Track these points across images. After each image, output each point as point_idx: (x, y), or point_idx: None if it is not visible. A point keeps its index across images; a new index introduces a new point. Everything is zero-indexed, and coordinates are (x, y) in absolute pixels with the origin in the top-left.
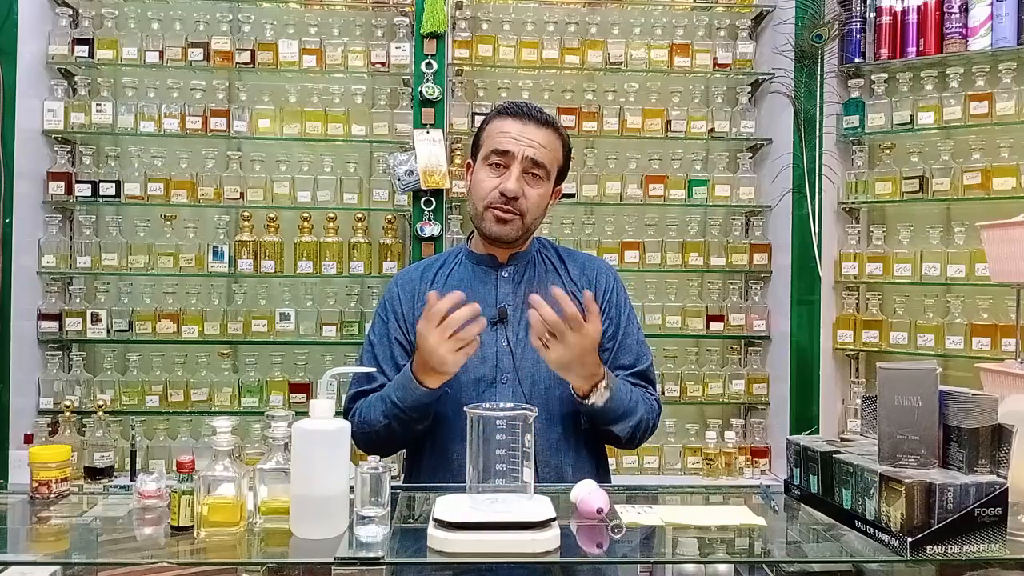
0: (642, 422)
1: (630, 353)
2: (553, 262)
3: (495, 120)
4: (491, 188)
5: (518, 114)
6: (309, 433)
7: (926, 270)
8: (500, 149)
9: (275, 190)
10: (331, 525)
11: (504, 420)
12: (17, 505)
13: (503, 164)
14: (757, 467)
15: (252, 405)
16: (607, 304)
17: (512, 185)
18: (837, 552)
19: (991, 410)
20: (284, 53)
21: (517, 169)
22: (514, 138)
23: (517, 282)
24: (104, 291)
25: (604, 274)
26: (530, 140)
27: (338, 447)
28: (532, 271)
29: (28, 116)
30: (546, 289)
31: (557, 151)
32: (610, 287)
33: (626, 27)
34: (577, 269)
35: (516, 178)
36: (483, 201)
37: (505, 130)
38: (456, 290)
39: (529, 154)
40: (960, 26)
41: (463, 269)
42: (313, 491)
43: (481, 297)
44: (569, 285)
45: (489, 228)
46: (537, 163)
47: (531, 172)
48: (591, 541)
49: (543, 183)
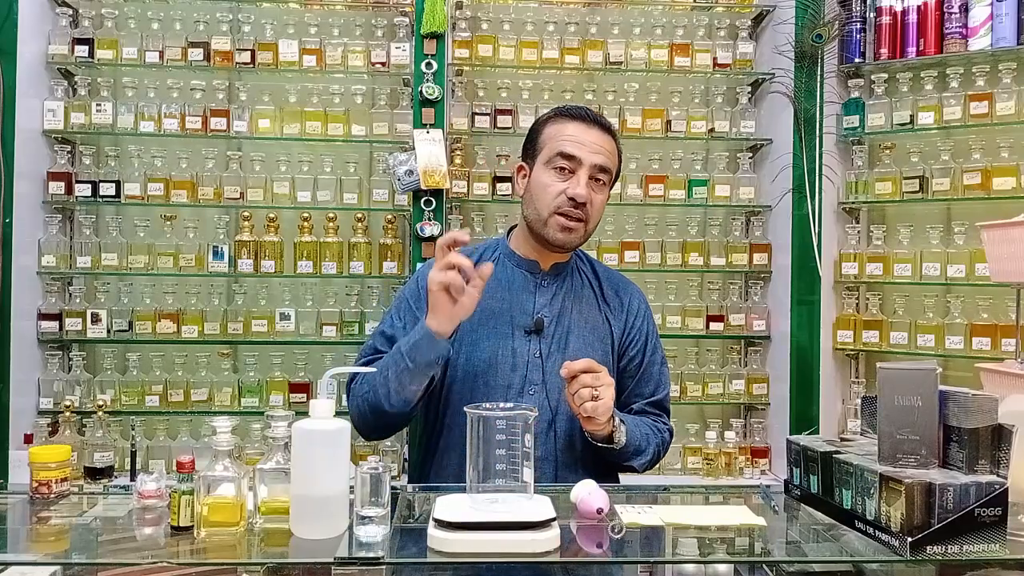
0: (655, 455)
1: (651, 382)
2: (588, 277)
3: (555, 123)
4: (558, 192)
5: (582, 118)
6: (309, 433)
7: (926, 270)
8: (567, 153)
9: (275, 190)
10: (331, 525)
11: (504, 420)
12: (17, 505)
13: (569, 169)
14: (757, 467)
15: (252, 405)
16: (637, 332)
17: (583, 191)
18: (837, 552)
19: (991, 410)
20: (284, 53)
21: (585, 175)
22: (580, 143)
23: (555, 293)
24: (104, 291)
25: (637, 299)
26: (596, 145)
27: (338, 447)
28: (570, 283)
29: (28, 116)
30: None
31: (615, 157)
32: (642, 315)
33: (626, 27)
34: (611, 290)
35: (585, 183)
36: (549, 207)
37: (570, 133)
38: (492, 289)
39: (597, 161)
40: (960, 26)
41: (502, 269)
42: (313, 491)
43: (519, 302)
44: (602, 305)
45: (554, 235)
46: (603, 168)
47: (596, 178)
48: (591, 541)
49: (605, 189)
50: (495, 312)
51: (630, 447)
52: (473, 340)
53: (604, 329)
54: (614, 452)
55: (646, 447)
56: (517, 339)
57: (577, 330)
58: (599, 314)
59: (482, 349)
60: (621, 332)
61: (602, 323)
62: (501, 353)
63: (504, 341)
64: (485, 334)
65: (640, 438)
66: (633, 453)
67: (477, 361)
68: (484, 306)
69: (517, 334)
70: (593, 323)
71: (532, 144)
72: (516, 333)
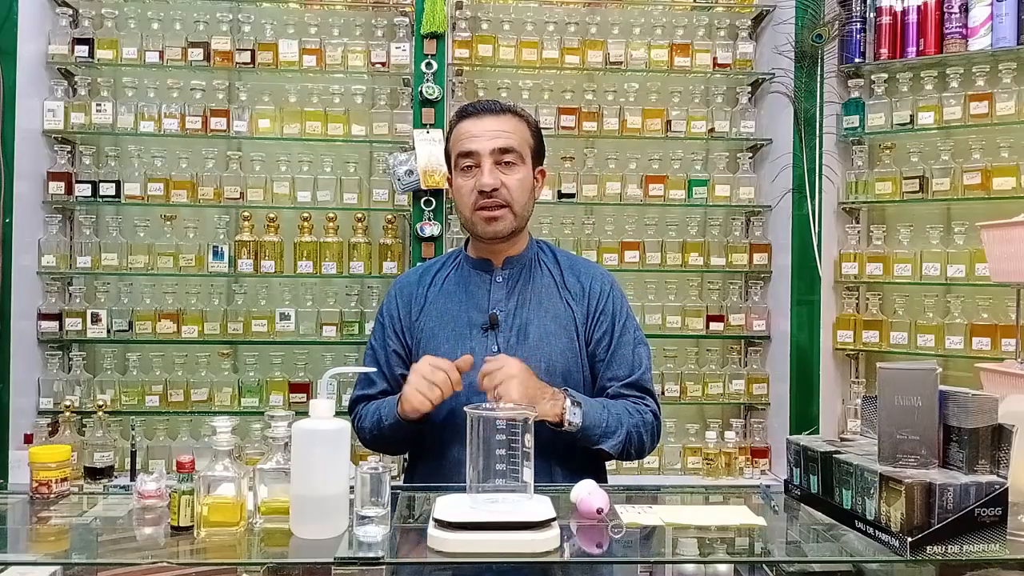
0: (631, 435)
1: (624, 364)
2: (549, 266)
3: (455, 128)
4: (470, 190)
5: (473, 112)
6: (309, 433)
7: (926, 270)
8: (465, 151)
9: (275, 190)
10: (331, 525)
11: (504, 420)
12: (17, 505)
13: (474, 164)
14: (757, 467)
15: (252, 405)
16: (601, 314)
17: (487, 179)
18: (837, 552)
19: (991, 410)
20: (284, 53)
21: (488, 162)
22: (474, 135)
23: (511, 287)
24: (104, 291)
25: (599, 282)
26: (491, 132)
27: (338, 447)
28: (527, 275)
29: (28, 116)
30: (539, 295)
31: (523, 132)
32: (604, 296)
33: (626, 27)
34: (572, 276)
35: (489, 171)
36: (468, 206)
37: (465, 131)
38: (450, 293)
39: (494, 145)
40: (960, 26)
41: (458, 273)
42: (313, 491)
43: (474, 302)
44: (562, 291)
45: (483, 230)
46: (505, 150)
47: (503, 161)
48: (591, 541)
49: (519, 167)
50: (453, 315)
51: (594, 430)
52: (435, 344)
53: (567, 316)
54: (576, 436)
55: (616, 428)
56: (475, 338)
57: (537, 320)
58: (560, 302)
59: (442, 352)
60: (584, 317)
61: (564, 310)
62: (460, 351)
63: (462, 341)
64: (444, 337)
65: (607, 419)
66: (601, 436)
67: None
68: (443, 310)
69: (475, 333)
70: (554, 311)
71: (447, 156)
72: (473, 332)
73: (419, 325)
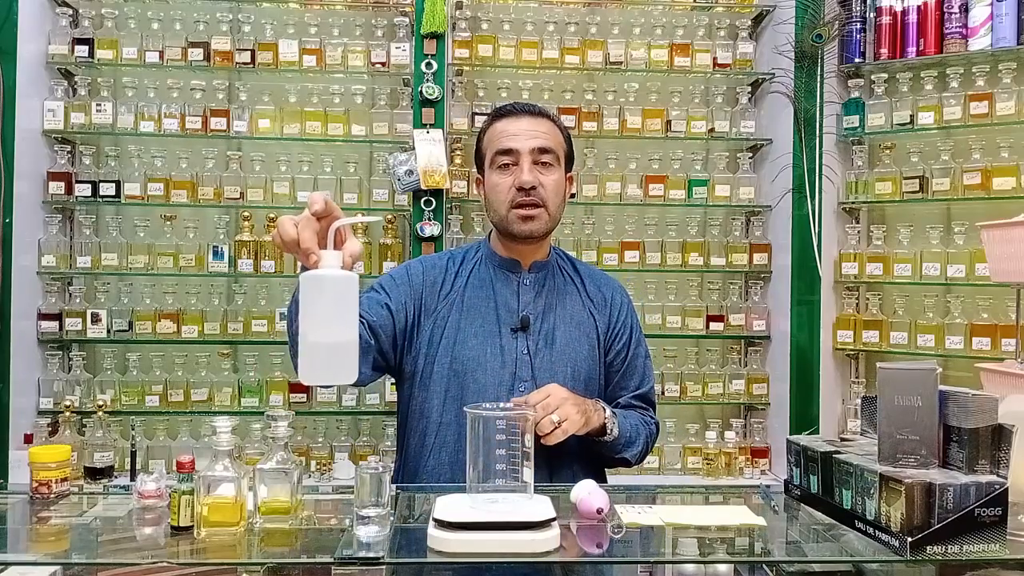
0: (646, 445)
1: (636, 375)
2: (569, 274)
3: (490, 127)
4: (508, 187)
5: (511, 112)
6: (319, 279)
7: (926, 270)
8: (504, 148)
9: (275, 190)
10: (340, 372)
11: (504, 420)
12: (17, 505)
13: (512, 162)
14: (757, 467)
15: (252, 405)
16: (621, 326)
17: (527, 176)
18: (837, 552)
19: (991, 410)
20: (284, 53)
21: (527, 161)
22: (513, 134)
23: (538, 290)
24: (104, 291)
25: (619, 294)
26: (530, 131)
27: (348, 294)
28: (552, 281)
29: (28, 116)
30: (564, 301)
31: (558, 136)
32: (624, 309)
33: (626, 27)
34: (594, 286)
35: (529, 169)
36: (505, 203)
37: (503, 130)
38: (476, 288)
39: (534, 144)
40: (960, 26)
41: (485, 270)
42: (324, 337)
43: (503, 300)
44: (585, 301)
45: (518, 228)
46: (543, 149)
47: (541, 161)
48: (591, 541)
49: (555, 169)
50: (480, 311)
51: (622, 438)
52: (460, 339)
53: (589, 324)
54: (607, 444)
55: (636, 438)
56: (504, 337)
57: (563, 326)
58: (583, 310)
59: (469, 347)
60: (606, 327)
61: (587, 319)
62: (490, 351)
63: (491, 339)
64: (472, 332)
65: (630, 429)
66: (625, 444)
67: (464, 359)
68: (468, 304)
69: (504, 332)
70: (578, 319)
71: (479, 155)
72: (503, 331)
73: (440, 312)
